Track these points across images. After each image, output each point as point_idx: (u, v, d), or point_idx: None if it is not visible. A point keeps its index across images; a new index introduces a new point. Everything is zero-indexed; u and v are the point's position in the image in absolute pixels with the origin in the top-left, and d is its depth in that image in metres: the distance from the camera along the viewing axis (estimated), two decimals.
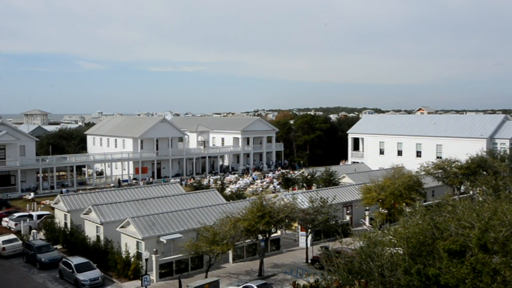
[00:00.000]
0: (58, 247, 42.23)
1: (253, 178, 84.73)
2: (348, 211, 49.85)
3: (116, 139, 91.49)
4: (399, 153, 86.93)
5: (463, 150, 70.98)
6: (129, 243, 36.45)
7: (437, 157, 76.98)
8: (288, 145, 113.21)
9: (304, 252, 39.32)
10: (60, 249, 41.88)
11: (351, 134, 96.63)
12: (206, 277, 32.99)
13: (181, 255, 35.06)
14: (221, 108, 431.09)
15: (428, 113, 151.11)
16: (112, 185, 75.57)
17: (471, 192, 56.72)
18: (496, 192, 41.06)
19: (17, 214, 51.54)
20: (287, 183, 67.50)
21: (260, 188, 75.20)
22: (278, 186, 73.32)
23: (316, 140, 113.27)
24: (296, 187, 65.63)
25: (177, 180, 73.58)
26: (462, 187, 58.19)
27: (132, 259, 35.03)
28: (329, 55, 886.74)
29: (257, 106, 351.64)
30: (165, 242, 35.95)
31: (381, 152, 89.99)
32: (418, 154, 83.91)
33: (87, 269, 34.02)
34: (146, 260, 33.50)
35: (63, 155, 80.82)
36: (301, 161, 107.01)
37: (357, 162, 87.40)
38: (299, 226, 41.80)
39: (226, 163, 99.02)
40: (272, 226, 35.82)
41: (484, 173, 54.59)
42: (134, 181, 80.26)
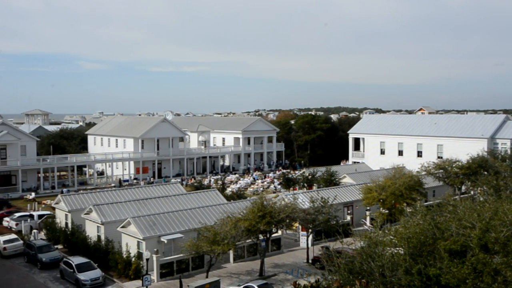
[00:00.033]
0: (59, 247, 42.26)
1: (254, 178, 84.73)
2: (349, 211, 49.85)
3: (117, 139, 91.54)
4: (400, 153, 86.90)
5: (464, 150, 70.93)
6: (130, 243, 36.48)
7: (438, 157, 76.92)
8: (289, 145, 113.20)
9: (305, 252, 39.32)
10: (61, 249, 41.91)
11: (352, 134, 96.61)
12: (207, 277, 33.00)
13: (182, 255, 35.07)
14: (222, 108, 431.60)
15: (429, 113, 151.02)
16: (113, 185, 75.59)
17: (472, 192, 56.70)
18: (497, 192, 41.03)
19: (18, 214, 51.58)
20: (288, 183, 67.50)
21: (261, 188, 75.21)
22: (279, 186, 73.31)
23: (317, 140, 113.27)
24: (297, 187, 65.63)
25: (178, 180, 73.60)
26: (463, 187, 58.14)
27: (133, 259, 35.06)
28: (329, 55, 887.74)
29: (258, 106, 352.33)
30: (166, 242, 35.97)
31: (382, 152, 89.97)
32: (419, 154, 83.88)
33: (88, 269, 34.04)
34: (147, 260, 33.50)
35: (64, 155, 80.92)
36: (302, 161, 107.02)
37: (358, 162, 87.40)
38: (300, 226, 41.79)
39: (227, 163, 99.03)
40: (273, 226, 35.83)
41: (485, 173, 54.54)
42: (135, 181, 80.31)
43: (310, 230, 38.92)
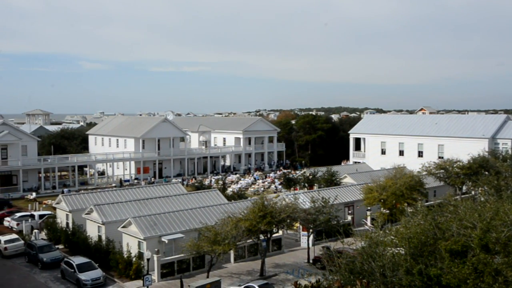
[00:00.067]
0: (60, 247, 42.31)
1: (255, 178, 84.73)
2: (350, 211, 49.85)
3: (118, 139, 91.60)
4: (401, 153, 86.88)
5: (465, 150, 70.91)
6: (131, 243, 36.50)
7: (439, 157, 76.89)
8: (290, 145, 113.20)
9: (306, 252, 39.32)
10: (62, 249, 41.96)
11: (353, 134, 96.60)
12: (208, 277, 33.01)
13: (183, 255, 35.08)
14: (223, 108, 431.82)
15: (430, 113, 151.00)
16: (114, 185, 75.63)
17: (473, 192, 56.69)
18: (498, 192, 41.02)
19: (19, 214, 51.62)
20: (289, 183, 67.49)
21: (262, 188, 75.22)
22: (280, 186, 73.30)
23: (318, 140, 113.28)
24: (298, 187, 65.62)
25: (179, 180, 73.63)
26: (464, 187, 58.13)
27: (134, 259, 35.09)
28: (329, 55, 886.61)
29: (259, 106, 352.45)
30: (167, 242, 36.00)
31: (383, 152, 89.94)
32: (420, 154, 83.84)
33: (89, 269, 34.08)
34: (148, 260, 33.52)
35: (65, 155, 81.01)
36: (303, 161, 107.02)
37: (359, 162, 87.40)
38: (301, 226, 41.78)
39: (228, 163, 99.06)
40: (274, 226, 35.84)
41: (486, 173, 54.51)
42: (136, 181, 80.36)
43: (311, 230, 38.93)
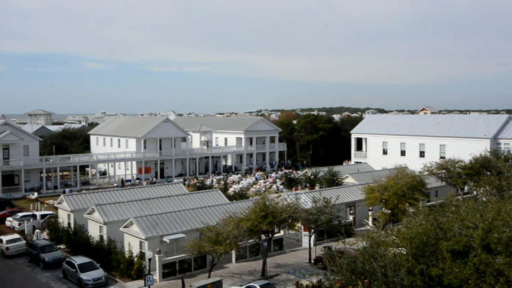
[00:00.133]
0: (62, 247, 42.37)
1: (256, 178, 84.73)
2: (351, 211, 49.83)
3: (120, 139, 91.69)
4: (402, 153, 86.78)
5: (467, 150, 70.84)
6: (132, 243, 36.54)
7: (441, 157, 76.82)
8: (291, 145, 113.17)
9: (307, 252, 39.31)
10: (64, 249, 42.03)
11: (354, 134, 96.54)
12: (209, 277, 33.04)
13: (184, 255, 35.09)
14: (224, 108, 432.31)
15: (432, 113, 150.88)
16: (115, 185, 75.70)
17: (475, 193, 56.63)
18: (500, 193, 40.98)
19: (21, 214, 51.73)
20: (290, 183, 67.49)
21: (263, 188, 75.23)
22: (281, 186, 73.31)
23: (319, 140, 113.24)
24: (299, 187, 65.63)
25: (180, 180, 73.68)
26: (466, 188, 58.08)
27: (135, 259, 35.12)
28: (331, 55, 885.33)
29: (260, 106, 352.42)
30: (168, 242, 36.02)
31: (384, 152, 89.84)
32: (421, 154, 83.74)
33: (91, 269, 34.13)
34: (149, 260, 33.53)
35: (67, 155, 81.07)
36: (304, 161, 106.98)
37: (360, 162, 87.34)
38: (302, 226, 41.80)
39: (229, 163, 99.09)
40: (275, 226, 35.83)
41: (488, 173, 54.44)
42: (137, 181, 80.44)
43: (312, 230, 38.92)
